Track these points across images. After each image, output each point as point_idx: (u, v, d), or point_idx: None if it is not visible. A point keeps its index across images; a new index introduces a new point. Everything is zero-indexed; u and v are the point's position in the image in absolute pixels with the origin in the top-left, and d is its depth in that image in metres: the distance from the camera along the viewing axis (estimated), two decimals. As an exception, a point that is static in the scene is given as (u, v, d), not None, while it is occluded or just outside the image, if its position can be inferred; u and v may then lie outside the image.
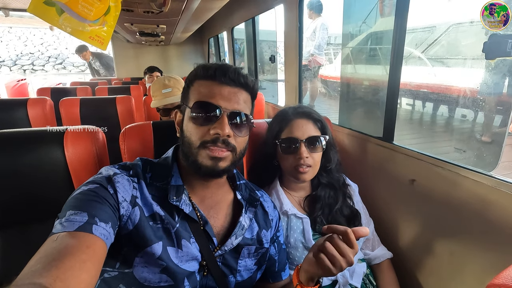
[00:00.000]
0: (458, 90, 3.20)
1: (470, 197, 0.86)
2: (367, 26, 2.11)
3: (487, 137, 2.65)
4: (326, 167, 0.95)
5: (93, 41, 1.15)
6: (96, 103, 1.81)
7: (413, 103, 3.71)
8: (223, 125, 0.59)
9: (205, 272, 0.63)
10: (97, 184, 0.54)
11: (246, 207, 0.70)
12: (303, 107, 0.96)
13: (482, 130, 2.77)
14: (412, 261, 1.08)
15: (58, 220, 0.48)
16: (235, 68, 0.63)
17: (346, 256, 0.54)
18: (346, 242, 0.54)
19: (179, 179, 0.64)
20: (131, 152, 0.87)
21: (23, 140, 0.74)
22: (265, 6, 2.23)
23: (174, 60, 5.65)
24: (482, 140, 2.67)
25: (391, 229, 1.15)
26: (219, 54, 4.69)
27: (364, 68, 2.24)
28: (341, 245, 0.54)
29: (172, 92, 1.48)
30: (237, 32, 3.41)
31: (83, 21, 1.08)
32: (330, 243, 0.55)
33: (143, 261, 0.56)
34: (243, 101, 0.64)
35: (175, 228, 0.60)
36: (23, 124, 1.45)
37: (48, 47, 13.43)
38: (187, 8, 2.23)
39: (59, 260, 0.40)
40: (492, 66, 2.49)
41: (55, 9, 1.05)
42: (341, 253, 0.54)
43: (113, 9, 1.13)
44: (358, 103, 1.99)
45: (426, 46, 3.85)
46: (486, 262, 0.84)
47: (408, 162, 1.07)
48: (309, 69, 3.62)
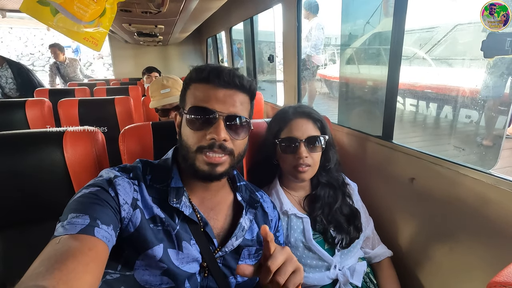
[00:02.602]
0: (462, 90, 3.18)
1: (470, 195, 0.87)
2: (370, 27, 2.12)
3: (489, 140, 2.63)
4: (325, 166, 0.95)
5: (88, 43, 1.14)
6: (94, 104, 1.81)
7: (416, 104, 3.70)
8: (218, 130, 0.58)
9: (206, 274, 0.63)
10: (98, 187, 0.54)
11: (246, 208, 0.70)
12: (303, 106, 0.96)
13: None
14: (412, 259, 1.08)
15: (60, 223, 0.48)
16: (229, 70, 0.62)
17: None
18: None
19: (179, 181, 0.64)
20: (130, 153, 0.87)
21: (23, 141, 0.74)
22: (264, 5, 2.23)
23: (172, 60, 5.64)
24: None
25: (391, 227, 1.16)
26: (218, 54, 4.69)
27: (364, 68, 2.24)
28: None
29: (171, 93, 1.48)
30: (236, 32, 3.41)
31: (78, 22, 1.08)
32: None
33: (144, 264, 0.56)
34: (240, 103, 0.63)
35: (176, 230, 0.59)
36: (21, 125, 1.44)
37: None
38: (185, 8, 2.22)
39: (62, 262, 0.40)
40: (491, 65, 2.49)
41: (50, 9, 1.04)
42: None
43: (109, 11, 1.13)
44: (357, 103, 1.99)
45: (430, 47, 3.84)
46: (487, 260, 0.84)
47: (407, 161, 1.07)
48: (308, 69, 3.62)
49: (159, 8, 2.00)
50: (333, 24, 5.32)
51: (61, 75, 4.12)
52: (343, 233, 0.91)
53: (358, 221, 0.95)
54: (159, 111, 1.54)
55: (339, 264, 0.91)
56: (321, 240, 0.91)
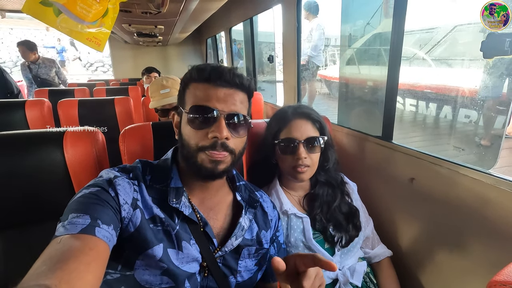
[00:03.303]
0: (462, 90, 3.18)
1: (469, 195, 0.87)
2: (371, 27, 2.12)
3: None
4: (324, 166, 0.96)
5: (90, 43, 1.14)
6: (94, 104, 1.81)
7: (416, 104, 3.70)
8: (220, 128, 0.59)
9: (206, 273, 0.63)
10: (98, 187, 0.54)
11: (246, 208, 0.70)
12: (302, 107, 0.96)
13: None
14: (412, 259, 1.08)
15: (61, 223, 0.48)
16: (229, 69, 0.63)
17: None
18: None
19: (179, 181, 0.64)
20: (130, 153, 0.87)
21: (23, 142, 0.74)
22: (263, 6, 2.24)
23: (172, 61, 5.64)
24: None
25: (390, 227, 1.16)
26: (217, 54, 4.69)
27: (364, 69, 2.25)
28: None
29: (170, 93, 1.48)
30: (236, 33, 3.41)
31: (81, 22, 1.08)
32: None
33: (144, 264, 0.56)
34: (240, 101, 0.64)
35: (175, 230, 0.60)
36: (21, 126, 1.44)
37: (49, 49, 13.43)
38: (185, 9, 2.23)
39: (64, 262, 0.40)
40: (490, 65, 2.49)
41: (53, 9, 1.04)
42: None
43: (111, 11, 1.13)
44: (357, 103, 2.00)
45: (430, 47, 3.85)
46: (486, 259, 0.84)
47: (407, 161, 1.07)
48: (308, 69, 3.62)
49: (159, 8, 2.01)
50: (333, 25, 5.33)
51: (33, 76, 3.65)
52: (342, 231, 0.91)
53: (357, 219, 0.95)
54: (159, 111, 1.54)
55: (339, 264, 0.91)
56: (321, 239, 0.91)
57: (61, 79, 3.85)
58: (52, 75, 3.72)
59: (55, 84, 3.75)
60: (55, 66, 3.75)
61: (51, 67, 3.71)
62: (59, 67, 3.84)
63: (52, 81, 3.72)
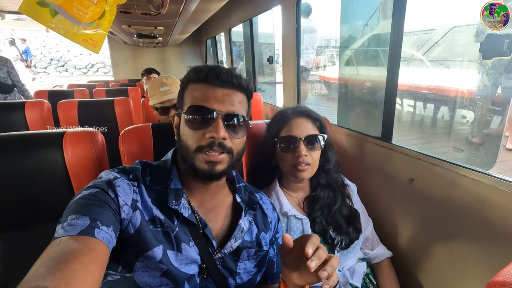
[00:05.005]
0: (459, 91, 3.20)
1: (469, 196, 0.87)
2: (369, 29, 2.13)
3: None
4: (324, 167, 0.96)
5: (87, 44, 1.14)
6: (94, 105, 1.81)
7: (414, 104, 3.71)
8: (218, 128, 0.59)
9: (205, 275, 0.63)
10: (97, 189, 0.54)
11: (245, 210, 0.70)
12: (301, 107, 0.97)
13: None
14: (412, 260, 1.08)
15: (60, 224, 0.48)
16: (227, 70, 0.63)
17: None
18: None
19: (178, 183, 0.64)
20: (130, 154, 0.87)
21: (23, 143, 0.74)
22: (263, 7, 2.24)
23: (171, 62, 5.64)
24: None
25: (390, 228, 1.16)
26: (217, 55, 4.69)
27: (363, 70, 2.25)
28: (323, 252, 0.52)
29: (170, 90, 1.48)
30: (235, 34, 3.41)
31: (77, 23, 1.07)
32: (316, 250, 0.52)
33: (143, 266, 0.56)
34: (238, 102, 0.63)
35: (175, 231, 0.59)
36: (20, 127, 1.44)
37: (50, 50, 13.40)
38: (184, 10, 2.23)
39: (63, 263, 0.40)
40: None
41: (49, 10, 1.04)
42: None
43: (108, 13, 1.13)
44: (357, 104, 2.00)
45: (427, 48, 3.86)
46: (486, 260, 0.84)
47: (406, 162, 1.08)
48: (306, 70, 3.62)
49: (158, 9, 2.01)
50: (333, 26, 5.34)
51: None
52: (343, 234, 0.91)
53: (357, 222, 0.95)
54: (159, 110, 1.53)
55: (339, 265, 0.91)
56: (321, 241, 0.91)
57: (12, 79, 3.42)
58: (3, 75, 3.35)
59: (6, 85, 3.38)
60: (6, 66, 3.37)
61: (1, 66, 3.32)
62: (12, 67, 3.45)
63: (3, 82, 3.35)
